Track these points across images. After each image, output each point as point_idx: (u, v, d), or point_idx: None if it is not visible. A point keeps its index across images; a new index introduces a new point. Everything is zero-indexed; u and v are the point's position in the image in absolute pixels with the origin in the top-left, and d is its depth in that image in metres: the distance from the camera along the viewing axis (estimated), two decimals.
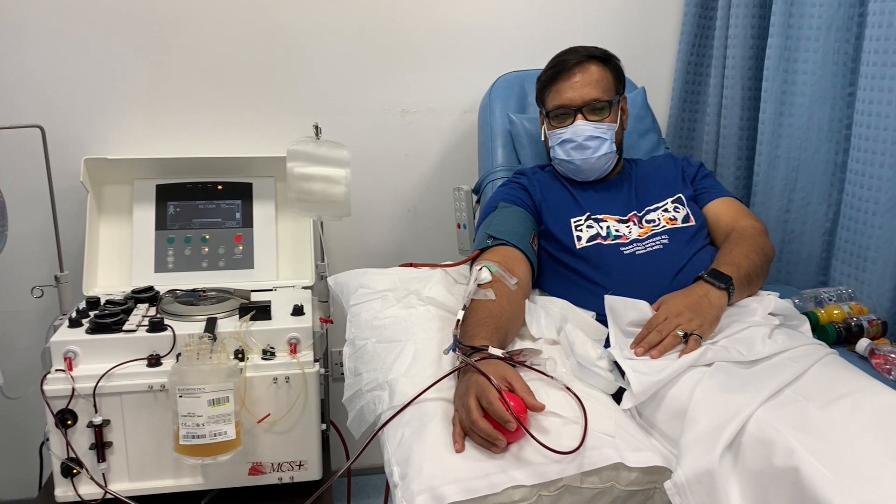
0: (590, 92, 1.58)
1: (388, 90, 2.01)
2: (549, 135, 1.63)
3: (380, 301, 1.47)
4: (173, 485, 1.54)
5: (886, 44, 1.54)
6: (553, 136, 1.62)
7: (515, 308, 1.35)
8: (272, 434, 1.54)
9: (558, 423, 1.10)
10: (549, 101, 1.63)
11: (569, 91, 1.59)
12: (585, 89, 1.58)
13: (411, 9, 1.97)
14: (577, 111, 1.59)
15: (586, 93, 1.58)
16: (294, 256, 1.87)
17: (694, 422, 1.10)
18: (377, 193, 2.07)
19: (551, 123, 1.63)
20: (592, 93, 1.58)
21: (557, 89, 1.61)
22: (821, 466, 0.96)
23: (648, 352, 1.26)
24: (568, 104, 1.59)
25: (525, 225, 1.54)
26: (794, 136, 1.79)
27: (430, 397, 1.16)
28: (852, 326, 1.54)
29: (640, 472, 1.07)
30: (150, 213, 1.85)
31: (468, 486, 1.00)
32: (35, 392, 1.47)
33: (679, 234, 1.52)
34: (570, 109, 1.59)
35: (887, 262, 1.57)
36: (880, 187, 1.58)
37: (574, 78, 1.59)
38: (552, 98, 1.62)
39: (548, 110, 1.63)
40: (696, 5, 2.05)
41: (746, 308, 1.38)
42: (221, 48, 1.91)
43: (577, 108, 1.58)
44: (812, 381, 1.16)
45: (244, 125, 1.96)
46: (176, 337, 1.50)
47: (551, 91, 1.62)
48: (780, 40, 1.77)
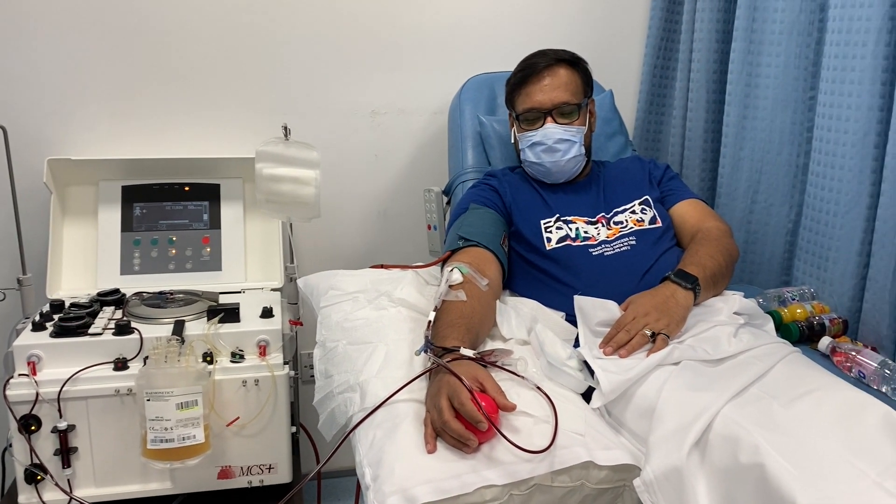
0: (559, 95, 1.60)
1: (358, 91, 2.01)
2: (519, 137, 1.65)
3: (350, 303, 1.46)
4: (141, 490, 1.52)
5: (846, 49, 1.57)
6: (523, 139, 1.63)
7: (486, 309, 1.36)
8: (242, 437, 1.53)
9: (529, 422, 1.11)
10: (518, 104, 1.64)
11: (538, 94, 1.60)
12: (555, 92, 1.60)
13: (381, 10, 1.97)
14: (546, 114, 1.60)
15: (555, 96, 1.60)
16: (263, 258, 1.86)
17: (662, 420, 1.11)
18: (347, 195, 2.06)
19: (521, 126, 1.64)
20: (561, 96, 1.60)
21: (527, 92, 1.62)
22: (785, 462, 0.98)
23: (617, 351, 1.27)
24: (537, 107, 1.60)
25: (495, 226, 1.54)
26: (757, 138, 1.82)
27: (401, 398, 1.16)
28: (814, 325, 1.58)
29: (610, 471, 1.09)
30: (116, 215, 1.82)
31: (440, 486, 1.01)
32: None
33: (646, 236, 1.55)
34: (540, 112, 1.60)
35: (848, 261, 1.61)
36: (840, 189, 1.62)
37: (543, 81, 1.61)
38: (522, 101, 1.63)
39: (518, 113, 1.64)
40: (661, 9, 2.08)
41: (712, 307, 1.40)
42: (189, 48, 1.89)
43: (547, 111, 1.60)
44: (776, 379, 1.19)
45: (212, 126, 1.94)
46: (143, 340, 1.48)
47: (521, 94, 1.63)
48: (744, 44, 1.81)
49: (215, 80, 1.92)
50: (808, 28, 1.71)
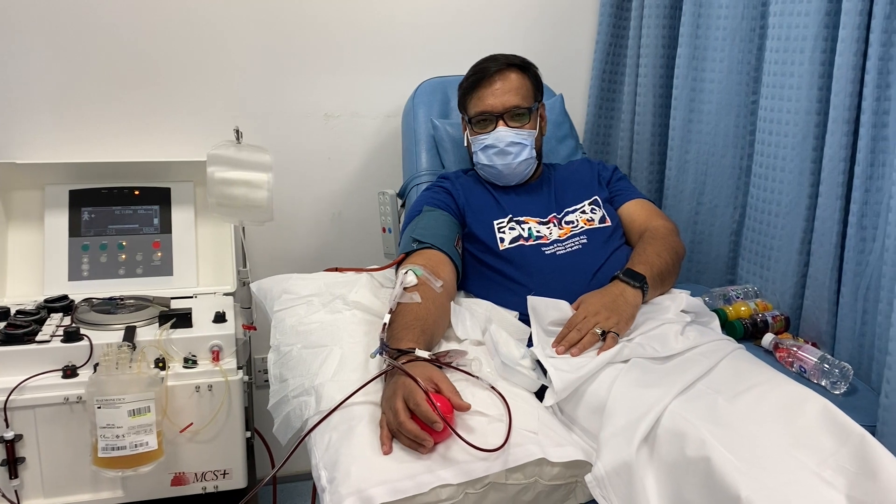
0: (510, 99, 1.62)
1: (311, 94, 2.00)
2: (472, 140, 1.67)
3: (305, 306, 1.46)
4: (91, 499, 1.50)
5: (785, 55, 1.63)
6: (475, 142, 1.65)
7: (441, 310, 1.37)
8: (195, 443, 1.52)
9: (484, 421, 1.13)
10: (471, 108, 1.66)
11: (490, 98, 1.63)
12: (506, 96, 1.62)
13: (333, 13, 1.97)
14: (498, 117, 1.62)
15: (507, 100, 1.62)
16: (215, 262, 1.84)
17: (612, 417, 1.14)
18: (300, 198, 2.06)
19: (473, 129, 1.66)
20: (513, 100, 1.62)
21: (479, 96, 1.64)
22: (729, 455, 1.01)
23: (569, 350, 1.30)
24: (489, 111, 1.62)
25: (449, 228, 1.56)
26: (702, 141, 1.87)
27: (357, 401, 1.17)
28: (758, 322, 1.63)
29: (563, 467, 1.11)
30: (63, 220, 1.79)
31: (396, 486, 1.02)
32: None
33: (596, 235, 1.58)
34: (492, 116, 1.63)
35: (789, 260, 1.67)
36: (782, 190, 1.68)
37: (495, 85, 1.63)
38: (474, 105, 1.65)
39: (470, 116, 1.66)
40: (610, 15, 2.13)
41: (660, 306, 1.45)
42: (138, 50, 1.86)
43: (499, 115, 1.62)
44: (721, 375, 1.23)
45: (162, 128, 1.91)
46: (93, 346, 1.46)
47: (473, 98, 1.65)
48: (689, 50, 1.86)
49: (165, 83, 1.90)
50: (749, 35, 1.77)
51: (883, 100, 1.45)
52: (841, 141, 1.50)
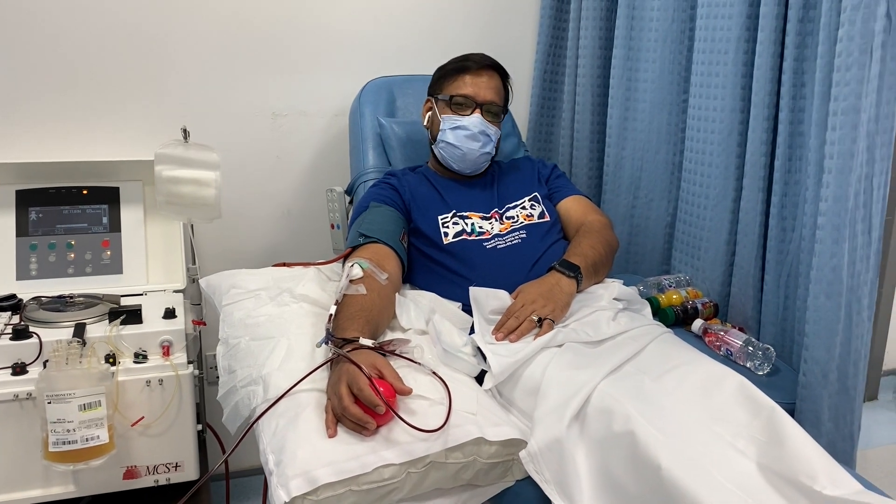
0: (491, 95, 1.72)
1: (258, 93, 2.04)
2: (444, 119, 1.71)
3: (253, 300, 1.50)
4: (42, 495, 1.50)
5: (711, 56, 1.73)
6: (448, 120, 1.71)
7: (386, 301, 1.42)
8: (147, 437, 1.53)
9: (425, 405, 1.18)
10: (452, 89, 1.72)
11: (474, 86, 1.71)
12: (490, 91, 1.71)
13: (278, 14, 2.01)
14: (478, 106, 1.70)
15: (489, 94, 1.71)
16: (164, 261, 1.86)
17: (545, 397, 1.21)
18: (250, 196, 2.09)
19: (450, 109, 1.72)
20: (493, 96, 1.72)
21: (465, 81, 1.71)
22: (652, 429, 1.09)
23: (507, 336, 1.37)
24: (473, 97, 1.70)
25: (395, 223, 1.61)
26: (637, 139, 1.96)
27: (303, 388, 1.22)
28: (688, 309, 1.72)
29: (500, 446, 1.17)
30: (10, 220, 1.78)
31: (341, 467, 1.07)
32: None
33: (535, 229, 1.65)
34: (473, 102, 1.70)
35: (717, 250, 1.76)
36: (710, 184, 1.77)
37: (482, 77, 1.72)
38: (457, 86, 1.72)
39: (451, 95, 1.72)
40: (550, 17, 2.20)
41: (594, 294, 1.52)
42: (85, 50, 1.87)
43: (479, 104, 1.70)
44: (648, 357, 1.31)
45: (110, 128, 1.92)
46: (42, 344, 1.47)
47: (457, 80, 1.72)
48: (623, 51, 1.95)
49: (112, 83, 1.91)
50: (679, 37, 1.86)
51: (799, 98, 1.55)
52: (761, 137, 1.60)
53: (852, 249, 1.35)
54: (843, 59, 1.30)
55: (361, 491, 1.08)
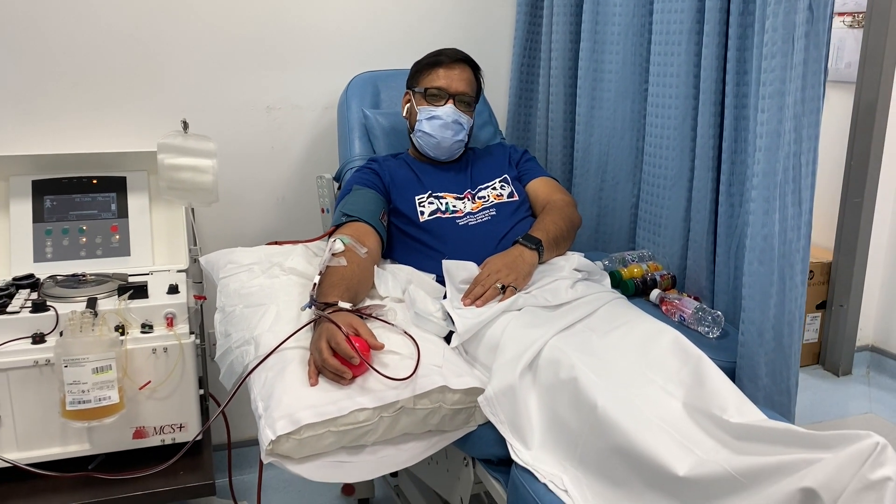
0: (463, 86, 1.87)
1: (253, 88, 2.20)
2: (420, 110, 1.87)
3: (247, 273, 1.67)
4: (61, 452, 1.65)
5: (666, 47, 1.87)
6: (423, 111, 1.86)
7: (365, 273, 1.58)
8: (153, 400, 1.69)
9: (396, 359, 1.34)
10: (427, 82, 1.88)
11: (446, 79, 1.86)
12: (462, 83, 1.87)
13: (271, 13, 2.17)
14: (451, 97, 1.85)
15: (460, 86, 1.87)
16: (168, 243, 2.01)
17: (503, 351, 1.37)
18: (247, 184, 2.25)
19: (425, 100, 1.87)
20: (465, 88, 1.87)
21: (438, 74, 1.87)
22: (593, 375, 1.25)
23: (474, 302, 1.52)
24: (445, 88, 1.85)
25: (376, 204, 1.77)
26: (603, 126, 2.11)
27: (289, 346, 1.38)
28: (648, 281, 1.87)
29: (463, 393, 1.33)
30: (28, 207, 1.94)
31: (320, 410, 1.23)
32: None
33: (504, 208, 1.81)
34: (446, 94, 1.85)
35: (676, 227, 1.91)
36: (668, 166, 1.91)
37: (455, 70, 1.87)
38: (432, 79, 1.87)
39: (425, 88, 1.87)
40: (525, 14, 2.35)
41: (555, 265, 1.68)
42: (92, 52, 2.04)
43: (452, 95, 1.85)
44: (598, 318, 1.47)
45: (117, 122, 2.09)
46: (59, 316, 1.62)
47: (432, 73, 1.88)
48: (590, 44, 2.10)
49: (118, 81, 2.07)
50: (640, 30, 2.00)
51: (742, 84, 1.69)
52: (709, 121, 1.74)
53: (783, 220, 1.49)
54: (768, 47, 1.44)
55: (339, 432, 1.24)
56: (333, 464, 1.26)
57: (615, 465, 1.15)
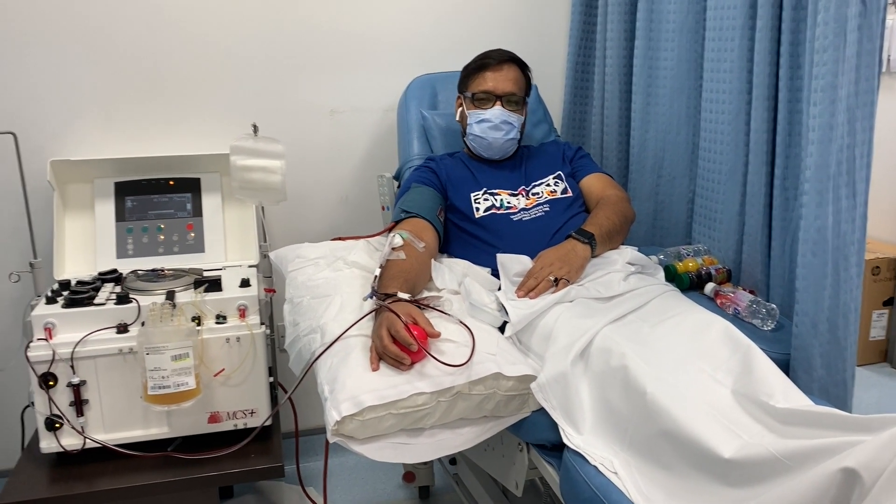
0: (510, 86, 1.92)
1: (318, 92, 2.30)
2: (469, 114, 1.94)
3: (313, 267, 1.76)
4: (143, 434, 1.78)
5: (720, 43, 1.89)
6: (473, 115, 1.93)
7: (422, 266, 1.66)
8: (227, 387, 1.80)
9: (452, 346, 1.41)
10: (474, 86, 1.94)
11: (492, 81, 1.92)
12: (508, 83, 1.92)
13: (336, 21, 2.27)
14: (497, 98, 1.91)
15: (507, 86, 1.92)
16: (240, 240, 2.13)
17: (555, 340, 1.42)
18: (312, 184, 2.35)
19: (474, 105, 1.94)
20: (511, 87, 1.92)
21: (484, 77, 1.93)
22: (643, 363, 1.29)
23: (527, 294, 1.58)
24: (492, 91, 1.91)
25: (433, 200, 1.84)
26: (659, 122, 2.13)
27: (352, 334, 1.46)
28: (702, 274, 1.88)
29: (516, 381, 1.39)
30: (111, 207, 2.09)
31: (382, 394, 1.30)
32: (10, 369, 1.69)
33: (558, 204, 1.86)
34: (493, 96, 1.91)
35: (731, 221, 1.92)
36: (722, 160, 1.93)
37: (500, 71, 1.93)
38: (478, 84, 1.94)
39: (473, 93, 1.94)
40: (580, 13, 2.39)
41: (608, 258, 1.72)
42: (168, 62, 2.18)
43: (499, 97, 1.91)
44: (650, 309, 1.50)
45: (193, 127, 2.22)
46: (140, 308, 1.75)
47: (478, 78, 1.94)
48: (644, 42, 2.12)
49: (194, 88, 2.21)
50: (694, 27, 2.02)
51: (796, 78, 1.70)
52: (763, 115, 1.75)
53: (836, 212, 1.50)
54: (820, 41, 1.46)
55: (399, 414, 1.31)
56: (394, 445, 1.33)
57: (663, 449, 1.19)
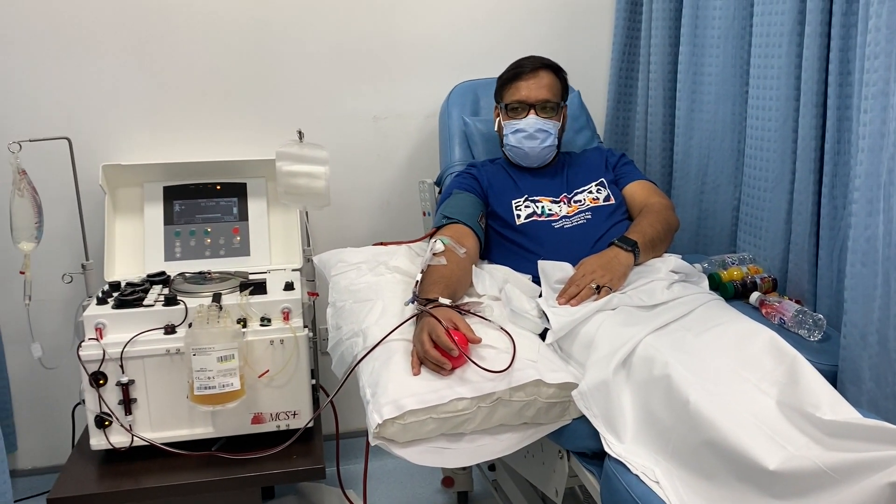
0: (543, 93, 1.91)
1: (361, 99, 2.33)
2: (504, 125, 1.95)
3: (355, 271, 1.78)
4: (188, 434, 1.83)
5: (767, 49, 1.87)
6: (508, 126, 1.94)
7: (463, 272, 1.67)
8: (270, 388, 1.83)
9: (493, 353, 1.41)
10: (507, 96, 1.95)
11: (526, 90, 1.91)
12: (540, 91, 1.91)
13: (380, 30, 2.30)
14: (530, 107, 1.91)
15: (540, 93, 1.91)
16: (284, 244, 2.17)
17: (597, 348, 1.42)
18: (355, 189, 2.38)
19: (507, 115, 1.94)
20: (545, 94, 1.91)
21: (517, 87, 1.93)
22: (686, 372, 1.27)
23: (568, 301, 1.58)
24: (524, 100, 1.91)
25: (474, 207, 1.85)
26: (703, 129, 2.11)
27: (394, 338, 1.48)
28: (748, 283, 1.86)
29: (557, 388, 1.38)
30: (159, 211, 2.14)
31: (423, 398, 1.31)
32: (62, 367, 1.74)
33: (600, 211, 1.85)
34: (525, 105, 1.91)
35: (777, 230, 1.89)
36: (769, 168, 1.90)
37: (531, 80, 1.92)
38: (511, 94, 1.94)
39: (506, 104, 1.94)
40: (624, 19, 2.38)
41: (652, 266, 1.70)
42: (216, 67, 2.22)
43: (531, 105, 1.91)
44: (694, 318, 1.48)
45: (238, 133, 2.27)
46: (188, 309, 1.80)
47: (511, 88, 1.94)
48: (689, 48, 2.10)
49: (240, 95, 2.26)
50: (740, 32, 2.00)
51: (845, 85, 1.67)
52: (811, 122, 1.73)
53: (888, 221, 1.46)
54: (871, 48, 1.43)
55: (439, 419, 1.32)
56: (434, 449, 1.34)
57: (706, 459, 1.18)
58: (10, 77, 2.12)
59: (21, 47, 2.11)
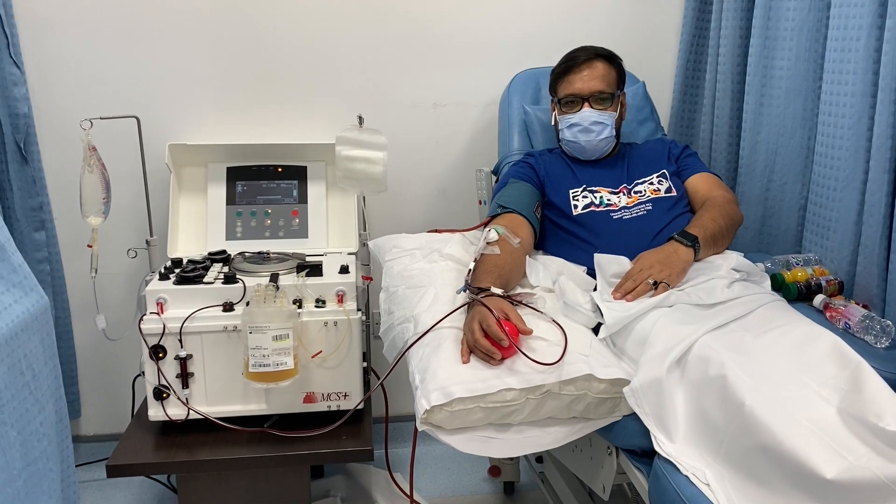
0: (596, 84, 1.88)
1: (422, 86, 2.33)
2: (559, 119, 1.93)
3: (409, 257, 1.79)
4: (242, 409, 1.87)
5: (844, 43, 1.79)
6: (563, 120, 1.91)
7: (517, 262, 1.65)
8: (323, 369, 1.86)
9: (544, 344, 1.40)
10: (560, 90, 1.92)
11: (578, 83, 1.88)
12: (593, 82, 1.88)
13: (442, 16, 2.29)
14: (584, 100, 1.88)
15: (593, 85, 1.87)
16: (341, 228, 2.19)
17: (651, 345, 1.39)
18: (412, 176, 2.39)
19: (562, 109, 1.92)
20: (598, 85, 1.88)
21: (569, 80, 1.90)
22: (743, 374, 1.24)
23: (624, 296, 1.55)
24: (577, 93, 1.88)
25: (530, 196, 1.84)
26: (772, 124, 2.04)
27: (445, 326, 1.48)
28: (812, 285, 1.79)
29: (609, 384, 1.37)
30: (222, 191, 2.18)
31: (471, 386, 1.31)
32: (124, 339, 1.81)
33: (661, 203, 1.81)
34: (579, 98, 1.88)
35: (846, 231, 1.82)
36: (840, 167, 1.83)
37: (584, 72, 1.89)
38: (564, 88, 1.91)
39: (559, 98, 1.92)
40: (693, 10, 2.32)
41: (712, 263, 1.65)
42: (280, 52, 2.26)
43: (585, 98, 1.88)
44: (754, 319, 1.44)
45: (301, 117, 2.30)
46: (246, 288, 1.83)
47: (563, 82, 1.91)
48: (760, 40, 2.04)
49: (304, 79, 2.28)
50: (816, 25, 1.92)
51: None
52: (888, 120, 1.65)
53: None
54: None
55: (487, 408, 1.32)
56: (481, 438, 1.34)
57: (760, 464, 1.15)
58: (84, 57, 2.19)
59: (95, 28, 2.18)
